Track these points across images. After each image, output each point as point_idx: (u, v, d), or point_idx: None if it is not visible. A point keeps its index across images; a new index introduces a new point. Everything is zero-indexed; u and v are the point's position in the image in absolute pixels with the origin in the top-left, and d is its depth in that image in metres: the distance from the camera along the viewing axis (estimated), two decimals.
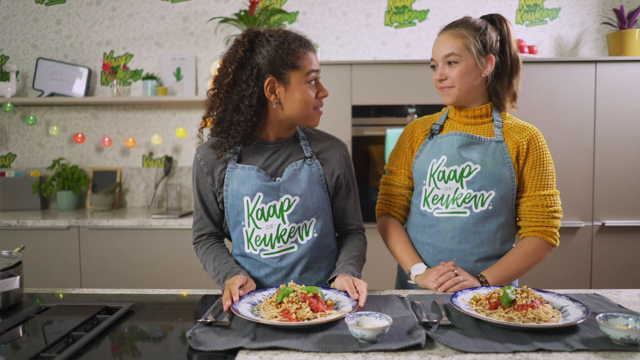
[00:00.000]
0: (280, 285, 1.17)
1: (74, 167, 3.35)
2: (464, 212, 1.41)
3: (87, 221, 2.85)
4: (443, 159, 1.43)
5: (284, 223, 1.32)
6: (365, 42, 3.33)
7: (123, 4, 3.38)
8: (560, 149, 2.81)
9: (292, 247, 1.34)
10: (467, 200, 1.41)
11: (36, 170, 3.45)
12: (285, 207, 1.32)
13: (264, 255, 1.34)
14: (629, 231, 2.87)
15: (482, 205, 1.41)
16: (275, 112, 1.31)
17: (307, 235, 1.35)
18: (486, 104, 1.47)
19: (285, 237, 1.33)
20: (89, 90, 3.41)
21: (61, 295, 1.35)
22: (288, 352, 0.93)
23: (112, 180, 3.41)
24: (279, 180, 1.33)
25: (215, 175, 1.36)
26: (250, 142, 1.36)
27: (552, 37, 3.30)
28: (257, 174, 1.32)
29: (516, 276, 1.41)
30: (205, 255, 1.39)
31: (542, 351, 0.92)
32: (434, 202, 1.45)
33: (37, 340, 1.04)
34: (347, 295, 1.19)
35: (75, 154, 3.47)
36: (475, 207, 1.41)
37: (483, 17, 1.47)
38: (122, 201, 3.46)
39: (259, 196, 1.31)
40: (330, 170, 1.39)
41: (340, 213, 1.45)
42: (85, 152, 3.47)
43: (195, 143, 3.34)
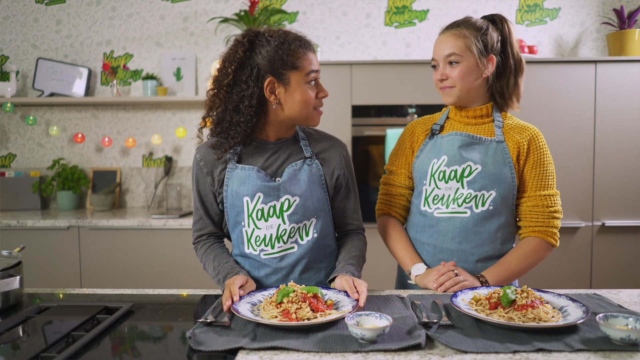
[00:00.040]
0: (280, 285, 1.17)
1: (74, 167, 3.35)
2: (465, 212, 1.41)
3: (87, 221, 2.85)
4: (444, 159, 1.43)
5: (284, 223, 1.32)
6: (365, 42, 3.33)
7: (123, 4, 3.38)
8: (560, 149, 2.81)
9: (292, 248, 1.34)
10: (467, 200, 1.41)
11: (36, 170, 3.45)
12: (285, 208, 1.32)
13: (264, 255, 1.34)
14: (629, 231, 2.87)
15: (483, 205, 1.41)
16: (275, 112, 1.31)
17: (307, 235, 1.35)
18: (487, 104, 1.47)
19: (285, 238, 1.33)
20: (89, 90, 3.41)
21: (61, 295, 1.35)
22: (288, 352, 0.93)
23: (112, 180, 3.41)
24: (279, 180, 1.33)
25: (215, 175, 1.36)
26: (250, 143, 1.36)
27: (552, 37, 3.30)
28: (257, 175, 1.32)
29: (516, 276, 1.41)
30: (205, 255, 1.39)
31: (542, 351, 0.92)
32: (435, 202, 1.45)
33: (37, 340, 1.04)
34: (347, 295, 1.19)
35: (75, 154, 3.47)
36: (476, 207, 1.41)
37: (484, 17, 1.47)
38: (122, 201, 3.46)
39: (259, 196, 1.31)
40: (330, 170, 1.39)
41: (340, 213, 1.44)
42: (85, 152, 3.47)
43: (195, 143, 3.34)
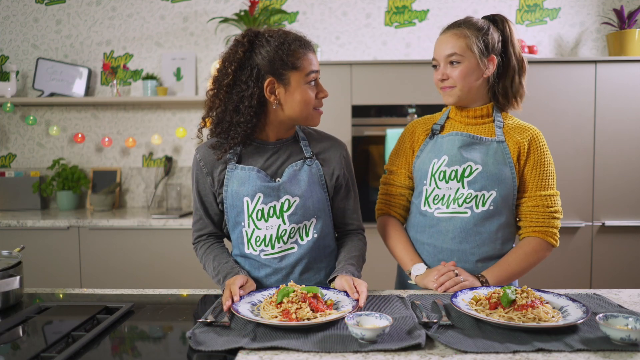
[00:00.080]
0: (280, 286, 1.17)
1: (74, 167, 3.35)
2: (465, 212, 1.41)
3: (87, 221, 2.85)
4: (444, 159, 1.43)
5: (284, 224, 1.32)
6: (365, 42, 3.33)
7: (123, 4, 3.38)
8: (560, 149, 2.81)
9: (292, 248, 1.34)
10: (468, 201, 1.41)
11: (36, 170, 3.45)
12: (285, 208, 1.32)
13: (264, 255, 1.34)
14: (629, 231, 2.87)
15: (483, 205, 1.40)
16: (275, 112, 1.31)
17: (307, 235, 1.35)
18: (487, 104, 1.47)
19: (285, 238, 1.33)
20: (89, 90, 3.41)
21: (61, 295, 1.35)
22: (288, 352, 0.93)
23: (112, 180, 3.41)
24: (279, 180, 1.33)
25: (214, 175, 1.36)
26: (250, 143, 1.36)
27: (552, 37, 3.30)
28: (257, 175, 1.32)
29: (516, 276, 1.41)
30: (205, 255, 1.39)
31: (542, 351, 0.92)
32: (435, 202, 1.45)
33: (37, 340, 1.04)
34: (347, 295, 1.19)
35: (75, 154, 3.47)
36: (476, 207, 1.41)
37: (485, 17, 1.47)
38: (122, 201, 3.46)
39: (259, 197, 1.31)
40: (330, 170, 1.39)
41: (340, 213, 1.44)
42: (85, 152, 3.47)
43: (195, 143, 3.33)
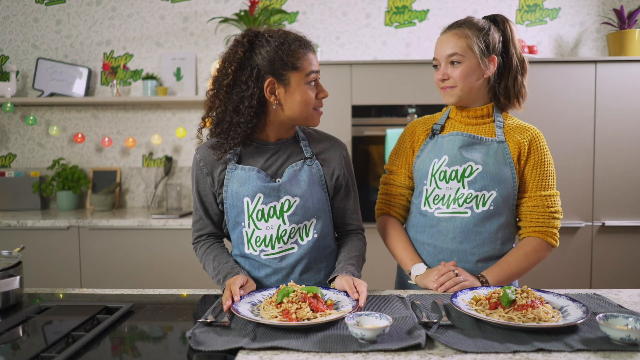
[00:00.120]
0: (280, 286, 1.17)
1: (74, 167, 3.35)
2: (465, 212, 1.41)
3: (87, 221, 2.85)
4: (444, 159, 1.43)
5: (284, 224, 1.32)
6: (365, 42, 3.33)
7: (123, 4, 3.38)
8: (560, 149, 2.81)
9: (292, 248, 1.34)
10: (468, 201, 1.41)
11: (36, 170, 3.45)
12: (286, 208, 1.32)
13: (264, 256, 1.34)
14: (629, 231, 2.87)
15: (484, 205, 1.40)
16: (276, 113, 1.31)
17: (307, 236, 1.35)
18: (487, 104, 1.47)
19: (285, 238, 1.33)
20: (89, 90, 3.41)
21: (61, 295, 1.35)
22: (288, 352, 0.93)
23: (112, 180, 3.41)
24: (279, 181, 1.33)
25: (214, 176, 1.36)
26: (250, 143, 1.35)
27: (552, 37, 3.30)
28: (257, 175, 1.32)
29: (516, 276, 1.41)
30: (205, 255, 1.39)
31: (542, 351, 0.92)
32: (435, 202, 1.45)
33: (37, 340, 1.04)
34: (347, 295, 1.19)
35: (75, 154, 3.47)
36: (477, 207, 1.41)
37: (486, 18, 1.46)
38: (122, 201, 3.46)
39: (259, 197, 1.31)
40: (330, 170, 1.39)
41: (340, 213, 1.44)
42: (85, 152, 3.47)
43: (195, 143, 3.34)
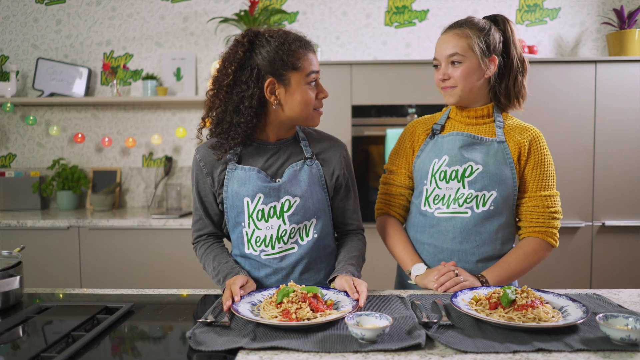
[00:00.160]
0: (280, 286, 1.17)
1: (74, 167, 3.35)
2: (465, 212, 1.41)
3: (87, 221, 2.85)
4: (445, 159, 1.43)
5: (284, 224, 1.32)
6: (365, 42, 3.33)
7: (123, 4, 3.38)
8: (560, 149, 2.81)
9: (292, 248, 1.34)
10: (468, 201, 1.41)
11: (36, 170, 3.45)
12: (286, 208, 1.32)
13: (264, 256, 1.34)
14: (629, 231, 2.87)
15: (484, 205, 1.40)
16: (276, 113, 1.31)
17: (307, 236, 1.35)
18: (488, 104, 1.47)
19: (285, 238, 1.33)
20: (89, 90, 3.41)
21: (61, 295, 1.35)
22: (288, 352, 0.93)
23: (112, 180, 3.41)
24: (279, 181, 1.33)
25: (214, 176, 1.36)
26: (250, 143, 1.35)
27: (552, 37, 3.30)
28: (258, 175, 1.32)
29: (516, 276, 1.41)
30: (205, 255, 1.39)
31: (542, 351, 0.92)
32: (435, 202, 1.45)
33: (37, 340, 1.04)
34: (347, 295, 1.19)
35: (75, 154, 3.47)
36: (477, 208, 1.41)
37: (486, 18, 1.46)
38: (122, 201, 3.46)
39: (260, 197, 1.31)
40: (330, 170, 1.39)
41: (340, 213, 1.44)
42: (85, 152, 3.47)
43: (195, 143, 3.34)
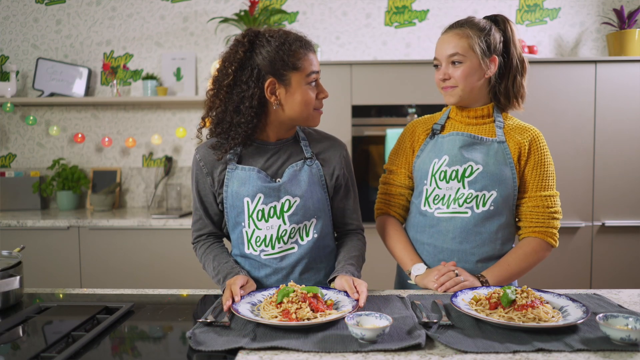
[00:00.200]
0: (280, 285, 1.17)
1: (74, 167, 3.35)
2: (465, 212, 1.41)
3: (87, 221, 2.85)
4: (445, 159, 1.43)
5: (285, 224, 1.32)
6: (365, 42, 3.33)
7: (123, 4, 3.38)
8: (560, 149, 2.81)
9: (292, 248, 1.34)
10: (468, 201, 1.41)
11: (36, 170, 3.45)
12: (286, 208, 1.32)
13: (264, 256, 1.34)
14: (629, 231, 2.87)
15: (484, 205, 1.40)
16: (276, 113, 1.31)
17: (307, 235, 1.35)
18: (488, 104, 1.47)
19: (285, 238, 1.33)
20: (89, 90, 3.41)
21: (61, 295, 1.35)
22: (288, 352, 0.93)
23: (112, 180, 3.41)
24: (279, 181, 1.33)
25: (214, 175, 1.36)
26: (251, 143, 1.35)
27: (552, 37, 3.30)
28: (258, 175, 1.32)
29: (516, 276, 1.41)
30: (205, 255, 1.39)
31: (542, 351, 0.92)
32: (435, 202, 1.45)
33: (37, 340, 1.04)
34: (347, 295, 1.19)
35: (75, 154, 3.47)
36: (477, 208, 1.41)
37: (487, 18, 1.46)
38: (122, 201, 3.46)
39: (260, 197, 1.31)
40: (330, 170, 1.39)
41: (340, 213, 1.44)
42: (85, 152, 3.47)
43: (195, 143, 3.34)
